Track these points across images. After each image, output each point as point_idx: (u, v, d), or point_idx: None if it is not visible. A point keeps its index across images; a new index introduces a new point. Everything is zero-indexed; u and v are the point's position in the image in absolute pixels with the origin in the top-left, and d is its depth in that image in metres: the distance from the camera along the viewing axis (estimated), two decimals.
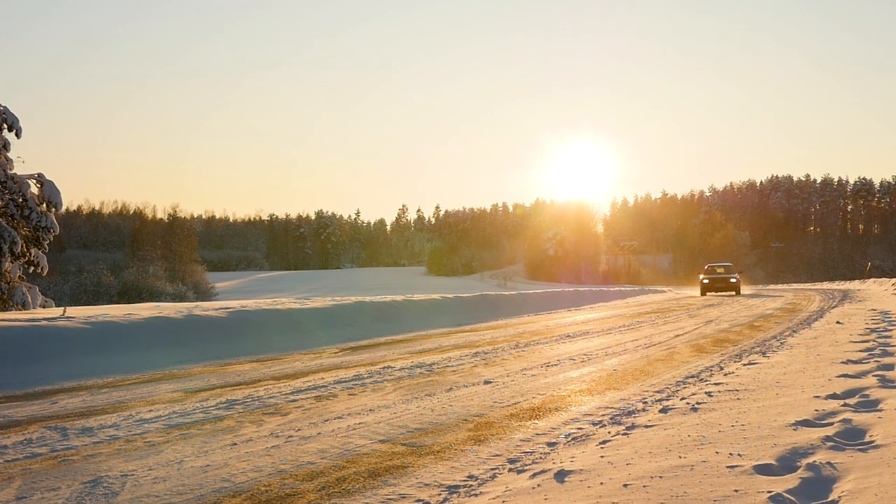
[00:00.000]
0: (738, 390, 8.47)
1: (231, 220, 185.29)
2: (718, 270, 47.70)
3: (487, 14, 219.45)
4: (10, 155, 28.27)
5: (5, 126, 27.45)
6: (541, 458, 5.99)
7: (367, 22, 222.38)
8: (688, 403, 7.85)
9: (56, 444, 6.69)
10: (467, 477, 5.49)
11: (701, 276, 46.23)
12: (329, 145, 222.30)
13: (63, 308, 19.49)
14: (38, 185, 27.85)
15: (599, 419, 7.49)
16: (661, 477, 5.00)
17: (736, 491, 4.60)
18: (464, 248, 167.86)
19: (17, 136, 27.94)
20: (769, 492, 4.54)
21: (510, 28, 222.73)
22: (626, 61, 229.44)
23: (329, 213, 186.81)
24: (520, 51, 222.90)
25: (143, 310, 17.81)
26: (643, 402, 8.40)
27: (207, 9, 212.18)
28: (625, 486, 4.86)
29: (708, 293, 44.73)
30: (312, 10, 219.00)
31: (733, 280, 44.67)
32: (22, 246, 26.30)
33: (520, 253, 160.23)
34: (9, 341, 12.39)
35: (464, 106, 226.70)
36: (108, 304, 43.17)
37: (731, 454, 5.47)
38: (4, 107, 27.16)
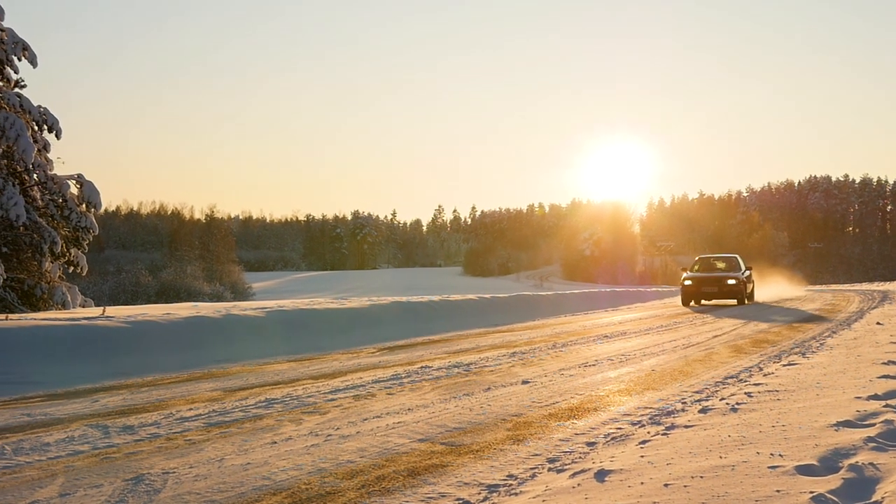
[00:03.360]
0: (777, 391, 8.42)
1: (268, 220, 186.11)
2: (715, 266, 33.70)
3: (524, 13, 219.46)
4: (50, 156, 28.50)
5: (45, 127, 27.67)
6: (580, 457, 5.97)
7: (403, 20, 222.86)
8: (727, 404, 7.81)
9: (98, 441, 6.74)
10: (507, 476, 5.48)
11: (683, 276, 32.31)
12: (366, 145, 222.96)
13: (102, 308, 19.62)
14: (78, 186, 28.05)
15: (638, 419, 7.47)
16: (701, 477, 4.97)
17: (778, 491, 4.57)
18: (500, 248, 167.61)
19: (57, 136, 28.16)
20: (811, 492, 4.51)
21: (546, 28, 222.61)
22: (663, 60, 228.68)
23: (365, 214, 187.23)
24: (556, 50, 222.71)
25: (182, 309, 17.89)
26: (682, 403, 8.37)
27: (243, 7, 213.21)
28: (665, 485, 4.85)
29: (692, 303, 31.76)
30: (348, 9, 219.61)
31: (731, 282, 30.94)
32: (62, 246, 26.49)
33: (556, 253, 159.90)
34: (50, 340, 12.50)
35: (500, 106, 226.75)
36: (146, 303, 43.44)
37: (772, 454, 5.44)
38: (44, 108, 27.37)
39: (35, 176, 27.47)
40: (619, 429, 7.02)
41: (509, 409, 8.16)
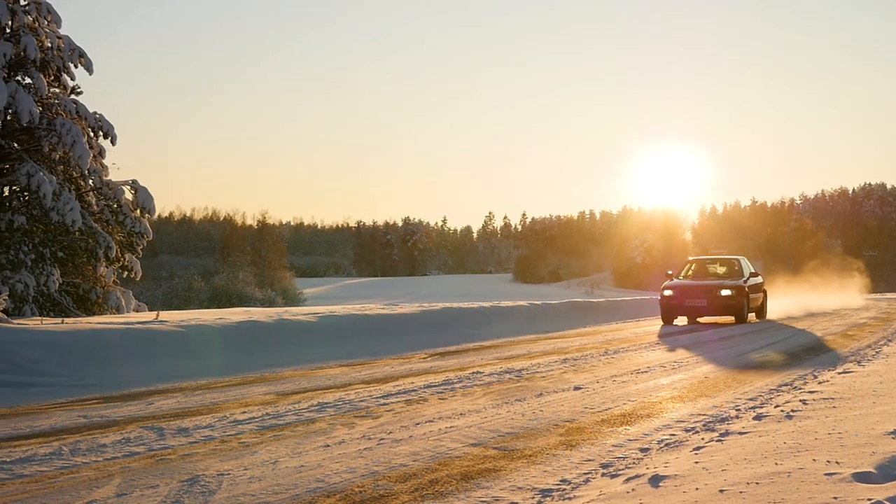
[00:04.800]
0: (833, 398, 8.33)
1: (319, 226, 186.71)
2: (709, 271, 26.68)
3: (576, 23, 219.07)
4: (105, 161, 28.80)
5: (101, 133, 27.95)
6: (634, 463, 5.95)
7: (454, 29, 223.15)
8: (782, 411, 7.74)
9: (153, 443, 6.80)
10: (560, 481, 5.47)
11: (664, 285, 25.08)
12: (417, 152, 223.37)
13: (156, 312, 19.80)
14: (133, 192, 28.32)
15: (692, 426, 7.43)
16: (757, 483, 4.93)
17: (835, 498, 4.52)
18: (550, 255, 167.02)
19: (112, 143, 28.44)
20: (869, 499, 4.46)
21: (597, 37, 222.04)
22: (714, 68, 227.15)
23: (416, 221, 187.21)
24: (607, 58, 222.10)
25: (234, 314, 18.02)
26: (736, 410, 8.31)
27: (297, 14, 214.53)
28: (721, 491, 4.81)
29: (675, 321, 24.74)
30: (400, 17, 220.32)
31: (726, 292, 23.73)
32: (116, 251, 26.75)
33: (607, 261, 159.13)
34: (105, 344, 12.64)
35: (550, 113, 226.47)
36: (198, 308, 43.79)
37: (828, 461, 5.39)
38: (100, 114, 27.66)
39: (90, 181, 27.77)
40: (673, 435, 6.99)
41: (561, 414, 8.14)
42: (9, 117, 25.16)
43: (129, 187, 28.31)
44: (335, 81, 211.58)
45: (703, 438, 6.74)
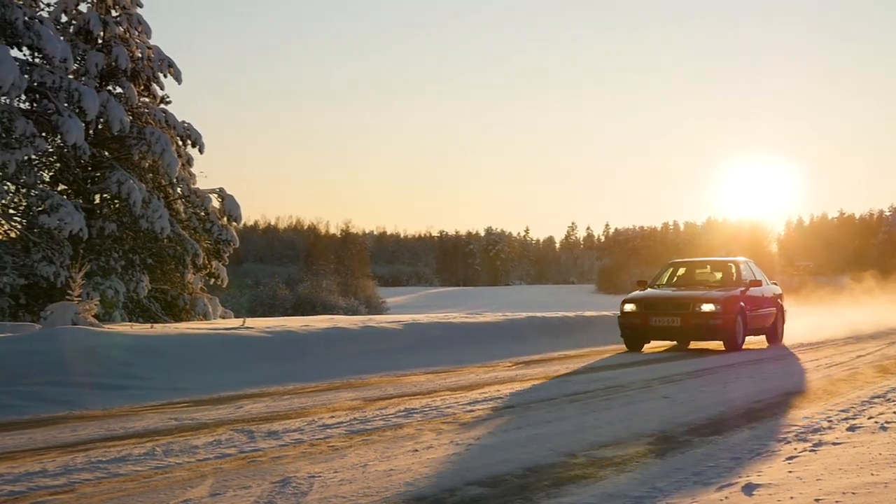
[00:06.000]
0: None
1: (402, 236, 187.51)
2: (696, 279, 19.87)
3: (662, 42, 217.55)
4: (193, 170, 29.24)
5: (189, 142, 28.39)
6: (725, 471, 5.88)
7: (539, 40, 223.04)
8: (876, 422, 7.63)
9: (244, 445, 6.87)
10: (651, 489, 5.42)
11: (626, 298, 18.73)
12: (499, 162, 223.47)
13: (242, 318, 20.02)
14: (220, 200, 28.71)
15: (784, 436, 7.32)
16: (853, 493, 4.86)
17: None
18: (633, 266, 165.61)
19: (200, 151, 28.87)
20: None
21: (684, 50, 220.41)
22: (803, 79, 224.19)
23: (498, 230, 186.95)
24: (693, 70, 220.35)
25: (319, 321, 18.13)
26: (828, 421, 8.17)
27: (382, 23, 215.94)
28: (816, 500, 4.75)
29: (645, 344, 18.44)
30: (486, 29, 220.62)
31: (707, 307, 17.35)
32: (204, 258, 27.11)
33: None
34: (194, 349, 12.81)
35: (635, 124, 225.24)
36: (283, 316, 44.21)
37: None
38: (188, 123, 28.09)
39: (179, 189, 28.22)
40: (764, 445, 6.89)
41: (650, 423, 8.08)
42: (100, 126, 25.67)
43: (216, 195, 28.70)
44: (419, 91, 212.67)
45: (795, 448, 6.63)
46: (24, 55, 23.06)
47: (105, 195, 25.94)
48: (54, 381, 10.39)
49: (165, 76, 28.09)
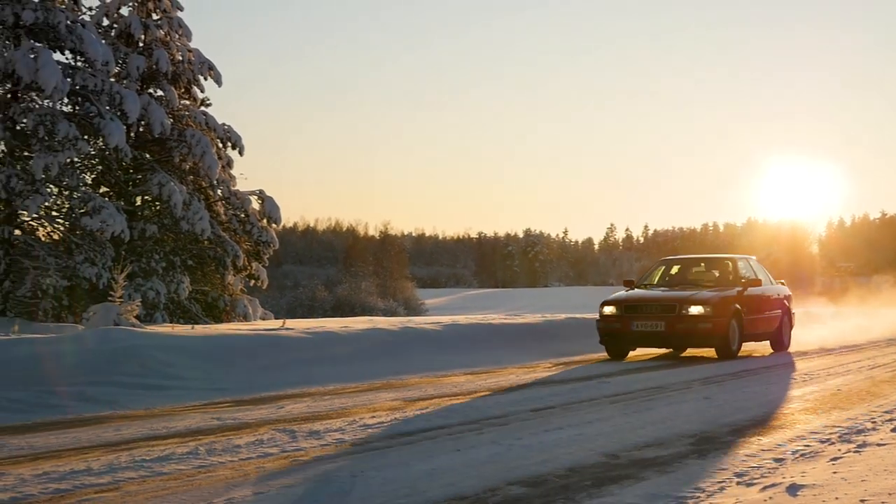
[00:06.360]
0: None
1: (440, 237, 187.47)
2: (688, 278, 17.82)
3: (707, 42, 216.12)
4: (233, 172, 29.41)
5: (229, 144, 28.57)
6: (769, 472, 5.84)
7: (577, 43, 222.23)
8: None
9: (286, 445, 6.90)
10: (694, 489, 5.39)
11: (605, 300, 16.69)
12: (538, 163, 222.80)
13: (282, 320, 20.10)
14: (259, 201, 28.87)
15: (827, 437, 7.26)
16: None
17: None
18: None
19: (240, 153, 29.06)
20: None
21: (723, 51, 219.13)
22: (843, 79, 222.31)
23: (537, 232, 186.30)
24: (733, 71, 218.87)
25: (358, 323, 18.19)
26: (872, 422, 8.10)
27: (420, 25, 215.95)
28: (861, 501, 4.72)
29: (630, 351, 16.52)
30: (526, 32, 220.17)
31: (695, 310, 15.32)
32: (244, 260, 27.27)
33: None
34: (235, 349, 12.90)
35: (674, 125, 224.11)
36: (322, 317, 44.36)
37: None
38: (228, 125, 28.27)
39: (219, 191, 28.39)
40: (808, 446, 6.85)
41: (691, 424, 8.05)
42: (141, 129, 25.88)
43: (255, 197, 28.87)
44: (456, 93, 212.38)
45: (839, 449, 6.59)
46: (67, 58, 23.34)
47: (146, 197, 26.18)
48: (97, 381, 10.50)
49: (206, 79, 28.30)
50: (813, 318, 28.44)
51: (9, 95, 22.59)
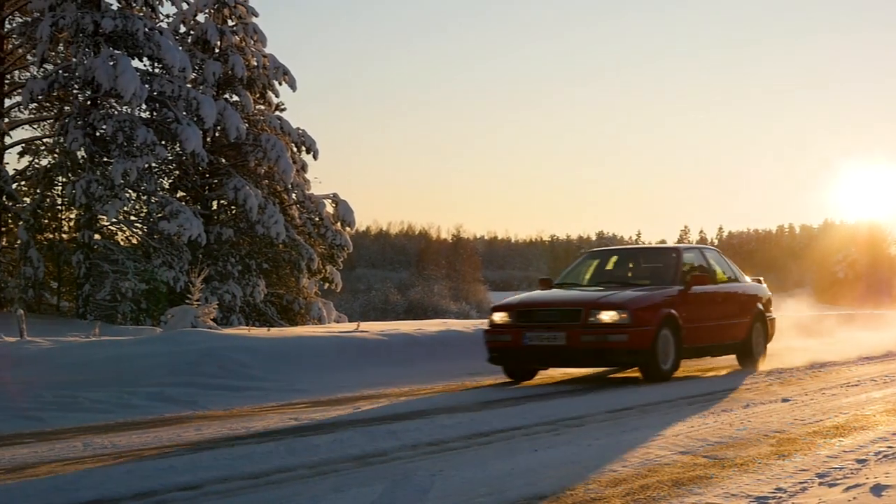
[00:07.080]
0: None
1: (513, 240, 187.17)
2: (618, 273, 13.87)
3: (778, 50, 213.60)
4: (307, 176, 29.66)
5: (303, 148, 28.82)
6: (851, 473, 5.77)
7: (655, 43, 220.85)
8: None
9: (364, 445, 6.94)
10: (775, 489, 5.34)
11: (495, 304, 13.46)
12: (611, 165, 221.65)
13: (356, 322, 20.22)
14: (333, 205, 29.07)
15: None
16: None
17: None
18: (748, 270, 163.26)
19: (315, 157, 29.31)
20: None
21: (801, 50, 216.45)
22: None
23: (610, 234, 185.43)
24: (809, 71, 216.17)
25: (431, 325, 18.24)
26: None
27: (494, 28, 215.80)
28: None
29: (533, 373, 12.86)
30: (604, 38, 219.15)
31: (609, 315, 11.48)
32: (318, 263, 27.47)
33: (806, 276, 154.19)
34: (311, 351, 13.02)
35: (749, 126, 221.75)
36: (395, 320, 44.57)
37: None
38: (302, 130, 28.50)
39: (293, 195, 28.64)
40: (891, 447, 6.74)
41: (770, 425, 7.96)
42: (217, 134, 26.21)
43: (330, 201, 29.07)
44: (529, 95, 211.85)
45: None
46: (145, 65, 23.74)
47: (222, 201, 26.53)
48: (176, 382, 10.66)
49: (280, 84, 28.56)
50: (851, 320, 27.29)
51: (88, 102, 23.02)
